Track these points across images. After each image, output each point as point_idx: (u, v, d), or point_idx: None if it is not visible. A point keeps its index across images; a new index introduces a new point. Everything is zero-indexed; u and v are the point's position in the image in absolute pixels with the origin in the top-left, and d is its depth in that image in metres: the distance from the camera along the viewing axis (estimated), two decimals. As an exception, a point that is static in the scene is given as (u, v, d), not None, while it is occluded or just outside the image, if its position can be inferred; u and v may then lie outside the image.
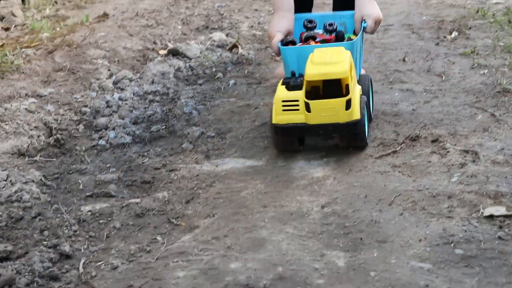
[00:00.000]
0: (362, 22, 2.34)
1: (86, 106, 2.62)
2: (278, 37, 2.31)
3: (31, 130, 2.37)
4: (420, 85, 2.65)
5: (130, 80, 2.89)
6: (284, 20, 2.38)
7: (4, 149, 2.24)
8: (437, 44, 3.14)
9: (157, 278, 1.58)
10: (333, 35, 2.36)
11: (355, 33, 2.41)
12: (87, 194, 2.02)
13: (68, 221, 1.84)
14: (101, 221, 1.86)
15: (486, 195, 1.82)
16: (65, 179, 2.12)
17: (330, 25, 2.37)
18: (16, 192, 1.96)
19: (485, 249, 1.59)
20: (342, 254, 1.61)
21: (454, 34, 3.26)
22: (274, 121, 2.09)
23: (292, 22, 2.40)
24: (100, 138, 2.39)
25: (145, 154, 2.27)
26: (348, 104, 2.04)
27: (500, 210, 1.73)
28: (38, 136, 2.34)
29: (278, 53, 2.29)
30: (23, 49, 3.18)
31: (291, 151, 2.16)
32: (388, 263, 1.56)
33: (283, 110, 2.08)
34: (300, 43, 2.34)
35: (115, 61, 3.09)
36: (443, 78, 2.71)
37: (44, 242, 1.73)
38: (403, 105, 2.47)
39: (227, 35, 3.45)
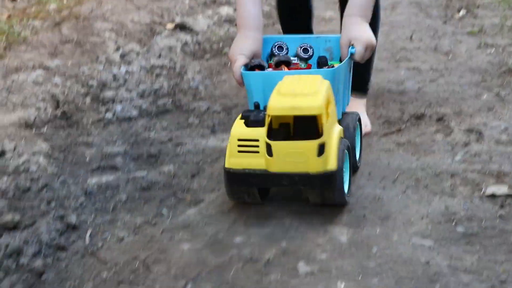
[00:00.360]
0: (349, 47, 1.85)
1: (93, 79, 2.63)
2: (240, 61, 1.82)
3: (38, 102, 2.39)
4: (426, 63, 2.65)
5: (137, 53, 2.89)
6: (248, 41, 1.88)
7: (11, 121, 2.26)
8: (445, 22, 3.13)
9: (162, 251, 1.61)
10: (309, 63, 1.91)
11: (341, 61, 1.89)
12: (94, 166, 2.04)
13: (74, 193, 1.86)
14: (107, 194, 1.88)
15: (489, 174, 1.83)
16: (72, 151, 2.15)
17: (305, 50, 1.91)
18: (23, 163, 1.98)
19: (486, 228, 1.61)
20: (345, 230, 1.63)
21: (462, 12, 3.25)
22: (226, 165, 1.66)
23: (259, 43, 1.90)
24: (106, 111, 2.40)
25: (152, 128, 2.29)
26: (321, 149, 1.58)
27: (502, 189, 1.75)
28: (45, 108, 2.36)
29: (241, 81, 1.81)
30: (30, 21, 3.19)
31: (248, 203, 1.74)
32: (390, 239, 1.58)
33: (239, 151, 1.64)
34: (270, 69, 1.88)
35: (122, 34, 3.09)
36: (450, 57, 2.71)
37: (51, 213, 1.75)
38: (409, 84, 2.47)
39: (234, 10, 3.45)
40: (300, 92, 1.60)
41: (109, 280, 1.52)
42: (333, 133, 1.64)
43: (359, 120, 1.89)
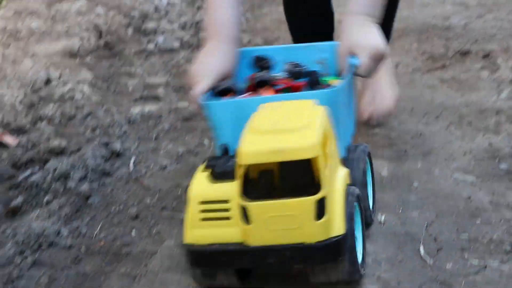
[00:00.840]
0: (350, 58, 1.38)
1: (134, 9, 2.63)
2: (202, 85, 1.32)
3: (82, 31, 2.41)
4: (474, -2, 2.59)
5: (178, -15, 2.87)
6: (218, 56, 1.38)
7: (56, 49, 2.29)
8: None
9: (204, 179, 1.63)
10: (303, 81, 1.41)
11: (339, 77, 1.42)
12: (136, 96, 2.07)
13: (118, 121, 1.89)
14: (150, 123, 1.91)
15: (535, 112, 1.80)
16: (115, 81, 2.17)
17: (295, 66, 1.43)
18: (68, 91, 2.02)
19: (530, 165, 1.59)
20: (386, 164, 1.63)
21: None
22: (186, 240, 1.17)
23: (233, 60, 1.41)
24: (148, 42, 2.41)
25: (193, 59, 2.29)
26: (321, 209, 1.10)
27: (548, 128, 1.72)
28: (88, 38, 2.38)
29: (200, 110, 1.36)
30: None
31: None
32: (431, 174, 1.58)
33: (203, 219, 1.16)
34: (246, 94, 1.37)
35: (163, -34, 3.06)
36: (499, -8, 2.63)
37: (96, 140, 1.79)
38: (454, 19, 2.42)
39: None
40: (285, 126, 1.11)
41: (153, 206, 1.56)
42: (336, 181, 1.17)
43: (369, 155, 1.41)
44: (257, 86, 1.36)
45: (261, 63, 1.45)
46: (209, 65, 1.38)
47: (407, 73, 2.08)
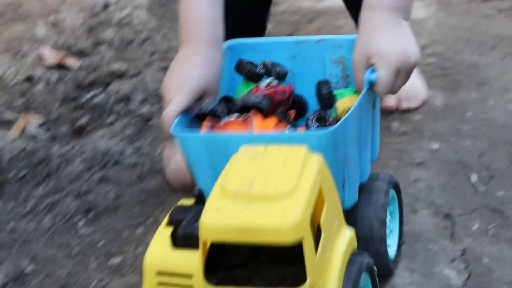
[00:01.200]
0: (368, 69, 1.00)
1: None
2: (175, 105, 1.01)
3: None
4: None
5: None
6: (195, 66, 1.05)
7: (112, -25, 2.31)
8: None
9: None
10: (288, 86, 1.06)
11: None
12: (191, 22, 2.10)
13: (175, 46, 1.93)
14: (205, 49, 1.94)
15: None
16: (170, 7, 2.20)
17: (275, 66, 1.09)
18: (126, 16, 2.06)
19: None
20: (439, 94, 1.64)
21: None
22: None
23: (216, 69, 1.07)
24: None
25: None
26: None
27: None
28: (143, -37, 2.40)
29: (171, 138, 1.01)
30: None
31: None
32: (485, 105, 1.59)
33: None
34: (229, 118, 1.01)
35: None
36: None
37: (154, 64, 1.84)
38: None
39: None
40: (264, 189, 0.81)
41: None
42: (334, 257, 0.87)
43: (395, 185, 1.12)
44: (240, 111, 1.01)
45: (246, 70, 1.07)
46: (186, 77, 1.04)
47: (463, 2, 2.06)
